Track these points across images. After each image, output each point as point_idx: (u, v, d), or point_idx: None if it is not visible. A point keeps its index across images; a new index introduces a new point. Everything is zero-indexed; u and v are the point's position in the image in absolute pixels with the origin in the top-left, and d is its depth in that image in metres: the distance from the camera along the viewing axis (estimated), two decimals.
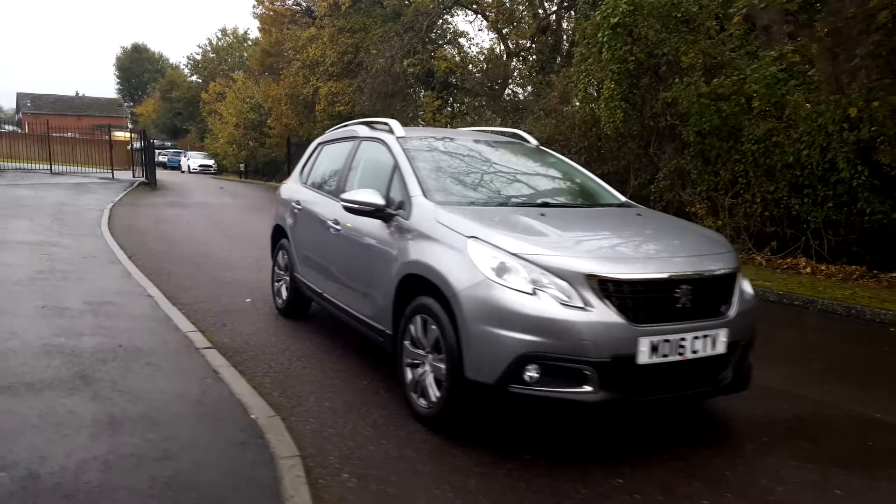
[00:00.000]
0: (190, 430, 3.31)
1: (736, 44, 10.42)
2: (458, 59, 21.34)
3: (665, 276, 3.28)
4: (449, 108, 21.02)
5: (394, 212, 4.05)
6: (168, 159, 44.45)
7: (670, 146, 11.27)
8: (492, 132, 5.81)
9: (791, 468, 3.33)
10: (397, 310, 3.87)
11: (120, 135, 63.70)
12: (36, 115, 58.36)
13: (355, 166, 4.96)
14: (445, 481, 3.01)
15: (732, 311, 3.49)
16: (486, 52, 22.05)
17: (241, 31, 44.87)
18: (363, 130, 5.11)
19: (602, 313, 3.13)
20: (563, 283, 3.17)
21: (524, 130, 14.97)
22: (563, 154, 13.23)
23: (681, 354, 3.27)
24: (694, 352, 3.31)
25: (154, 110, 56.93)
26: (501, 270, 3.24)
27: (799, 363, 5.30)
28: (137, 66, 66.88)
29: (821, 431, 3.87)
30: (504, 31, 20.88)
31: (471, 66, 21.36)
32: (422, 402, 3.65)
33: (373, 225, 4.21)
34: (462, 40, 22.91)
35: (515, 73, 20.52)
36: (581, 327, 3.10)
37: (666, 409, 4.08)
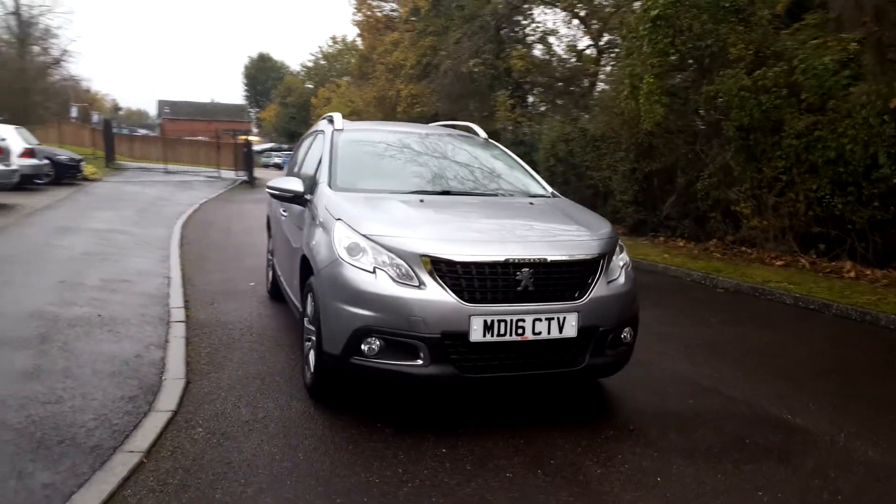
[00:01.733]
0: (97, 384, 3.83)
1: (792, 32, 9.85)
2: (544, 56, 21.34)
3: (501, 259, 3.40)
4: (523, 107, 21.01)
5: (309, 198, 4.40)
6: (283, 160, 47.44)
7: (716, 142, 10.81)
8: (447, 125, 6.01)
9: (632, 454, 3.35)
10: (302, 289, 4.22)
11: (250, 138, 68.65)
12: (173, 120, 64.08)
13: (307, 157, 5.37)
14: (283, 441, 3.31)
15: (587, 297, 3.55)
16: (571, 49, 21.86)
17: (349, 39, 47.02)
18: (321, 125, 5.50)
19: (433, 292, 3.32)
20: (402, 263, 3.38)
21: (584, 127, 14.76)
22: (614, 151, 13.08)
23: (520, 335, 3.39)
24: (536, 333, 3.41)
25: (274, 115, 60.85)
26: (353, 250, 3.50)
27: (749, 363, 5.11)
28: (262, 74, 71.70)
29: (702, 425, 3.80)
30: (593, 27, 20.62)
31: (557, 63, 21.28)
32: (308, 373, 3.98)
33: (297, 211, 4.60)
34: (552, 38, 22.88)
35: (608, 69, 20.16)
36: (412, 304, 3.30)
37: (562, 387, 4.17)
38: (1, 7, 43.53)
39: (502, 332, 3.36)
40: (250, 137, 69.40)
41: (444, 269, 3.35)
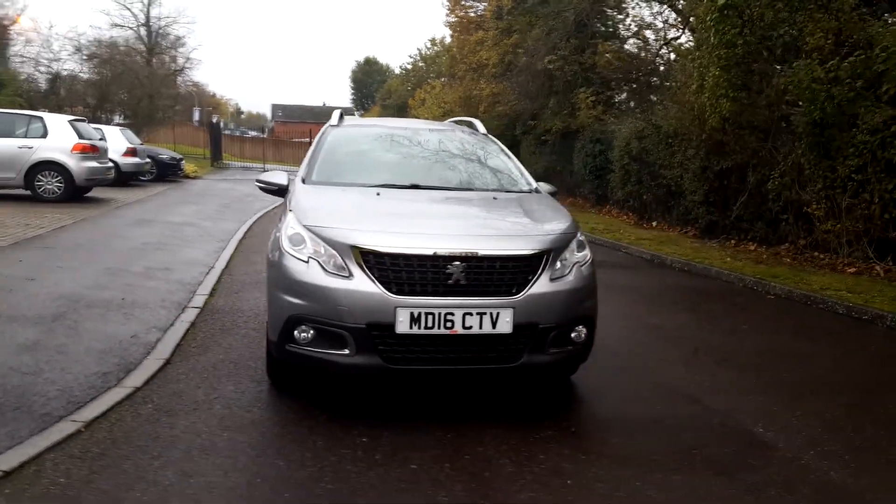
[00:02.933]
0: (81, 360, 4.17)
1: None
2: (636, 51, 20.66)
3: (430, 252, 3.38)
4: (609, 105, 20.40)
5: (290, 191, 4.56)
6: None
7: (788, 138, 10.07)
8: (457, 122, 6.00)
9: (556, 456, 3.24)
10: None
11: None
12: (284, 122, 67.45)
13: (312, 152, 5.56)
14: (217, 422, 3.47)
15: (524, 293, 3.46)
16: (666, 43, 21.02)
17: (447, 41, 47.54)
18: (332, 120, 5.64)
19: (360, 283, 3.37)
20: (336, 254, 3.45)
21: (657, 123, 14.17)
22: (685, 148, 12.45)
23: (449, 329, 3.36)
24: (467, 328, 3.38)
25: (376, 116, 62.81)
26: (294, 241, 3.61)
27: (756, 374, 4.77)
28: (368, 77, 73.98)
29: (655, 433, 3.60)
30: (692, 21, 19.76)
31: (651, 57, 20.54)
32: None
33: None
34: (648, 32, 22.12)
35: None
36: (338, 294, 3.37)
37: (529, 386, 4.09)
38: (133, 19, 47.63)
39: (430, 324, 3.35)
40: None
41: (372, 261, 3.39)
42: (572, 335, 3.71)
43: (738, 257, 9.98)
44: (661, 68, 18.85)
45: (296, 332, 3.47)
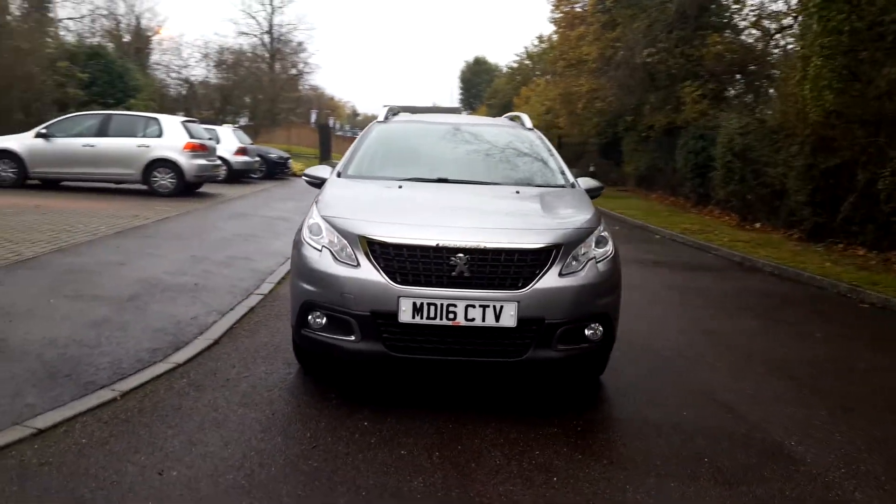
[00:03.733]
0: (138, 337, 4.56)
1: None
2: (752, 42, 19.52)
3: (433, 243, 3.43)
4: (719, 99, 19.36)
5: None
6: None
7: None
8: (509, 117, 5.98)
9: (552, 453, 3.20)
10: None
11: None
12: None
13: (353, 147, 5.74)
14: (239, 398, 3.70)
15: (530, 287, 3.43)
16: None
17: (554, 38, 46.87)
18: (379, 116, 5.81)
19: (366, 271, 3.47)
20: (346, 243, 3.58)
21: (762, 118, 13.31)
22: (790, 144, 11.62)
23: (451, 320, 3.40)
24: (469, 320, 3.40)
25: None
26: (313, 230, 3.78)
27: (809, 385, 4.45)
28: (476, 77, 74.47)
29: (668, 438, 3.46)
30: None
31: (770, 48, 19.35)
32: None
33: None
34: (767, 22, 20.83)
35: None
36: (344, 282, 3.49)
37: (555, 385, 4.05)
38: (257, 27, 50.67)
39: (432, 315, 3.40)
40: None
41: (378, 251, 3.49)
42: (587, 332, 3.63)
43: (841, 263, 9.20)
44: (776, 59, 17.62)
45: (310, 318, 3.63)
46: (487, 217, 3.88)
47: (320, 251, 3.64)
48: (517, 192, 4.26)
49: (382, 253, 3.48)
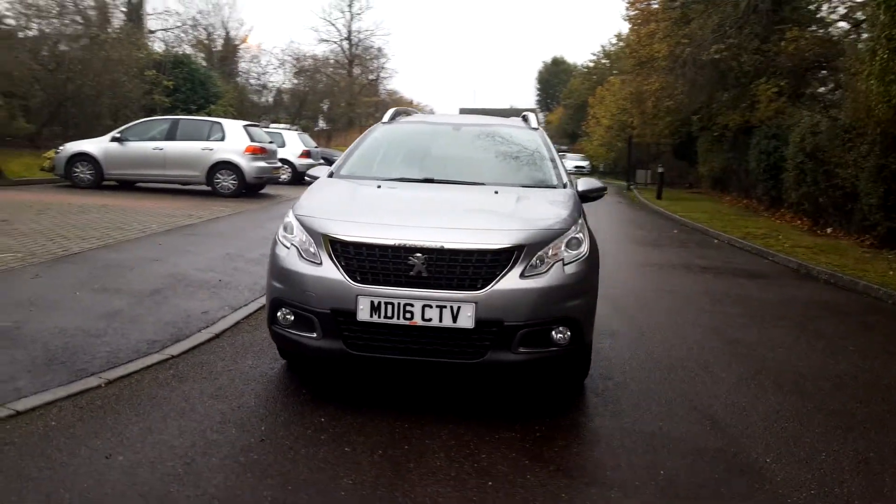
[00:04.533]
0: (144, 329, 4.79)
1: None
2: (837, 36, 18.38)
3: (392, 243, 3.43)
4: (789, 96, 18.31)
5: None
6: None
7: None
8: (525, 112, 5.88)
9: (497, 456, 3.14)
10: None
11: None
12: None
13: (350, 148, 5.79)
14: (212, 391, 3.83)
15: (488, 288, 3.38)
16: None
17: (631, 37, 45.61)
18: (384, 118, 5.85)
19: (327, 270, 3.52)
20: (312, 242, 3.64)
21: (835, 116, 12.58)
22: (860, 143, 10.87)
23: (408, 319, 3.39)
24: (426, 320, 3.38)
25: (558, 117, 62.21)
26: (287, 229, 3.86)
27: (816, 400, 4.17)
28: (554, 78, 73.60)
29: (630, 448, 3.32)
30: None
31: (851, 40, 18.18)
32: None
33: None
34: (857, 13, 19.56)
35: None
36: (306, 280, 3.55)
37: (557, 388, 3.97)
38: (337, 34, 52.12)
39: (389, 314, 3.40)
40: None
41: (339, 250, 3.53)
42: (555, 336, 3.54)
43: None
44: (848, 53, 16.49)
45: (279, 314, 3.71)
46: (454, 217, 3.83)
47: (289, 249, 3.72)
48: (496, 193, 4.19)
49: (343, 252, 3.52)
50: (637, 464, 3.15)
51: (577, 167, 43.21)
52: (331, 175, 4.66)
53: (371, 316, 3.42)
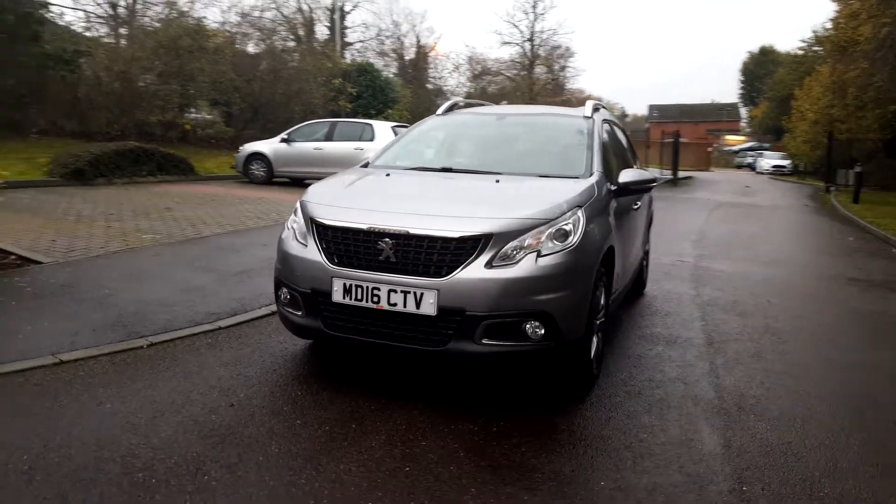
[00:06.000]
0: (212, 303, 5.32)
1: None
2: None
3: (364, 227, 3.51)
4: None
5: None
6: (753, 160, 44.64)
7: None
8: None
9: (436, 447, 3.10)
10: None
11: (732, 138, 65.76)
12: (659, 123, 66.26)
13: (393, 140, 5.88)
14: (234, 359, 4.19)
15: (452, 276, 3.33)
16: None
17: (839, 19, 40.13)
18: (439, 110, 5.86)
19: (311, 251, 3.70)
20: (304, 225, 3.84)
21: None
22: None
23: (375, 303, 3.46)
24: (392, 304, 3.43)
25: (762, 112, 56.87)
26: (294, 213, 4.10)
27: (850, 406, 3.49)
28: (761, 69, 67.42)
29: (582, 456, 3.05)
30: None
31: None
32: None
33: None
34: None
35: None
36: (294, 261, 3.76)
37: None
38: (519, 35, 52.61)
39: (359, 297, 3.50)
40: (730, 137, 66.22)
41: (321, 233, 3.69)
42: (527, 330, 3.39)
43: None
44: None
45: (280, 293, 3.97)
46: (432, 204, 3.80)
47: (289, 231, 3.96)
48: (497, 182, 4.07)
49: (324, 235, 3.67)
50: (578, 473, 2.92)
51: (775, 166, 39.27)
52: (365, 165, 4.84)
53: (344, 298, 3.53)
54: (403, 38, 50.35)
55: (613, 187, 4.41)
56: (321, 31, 43.00)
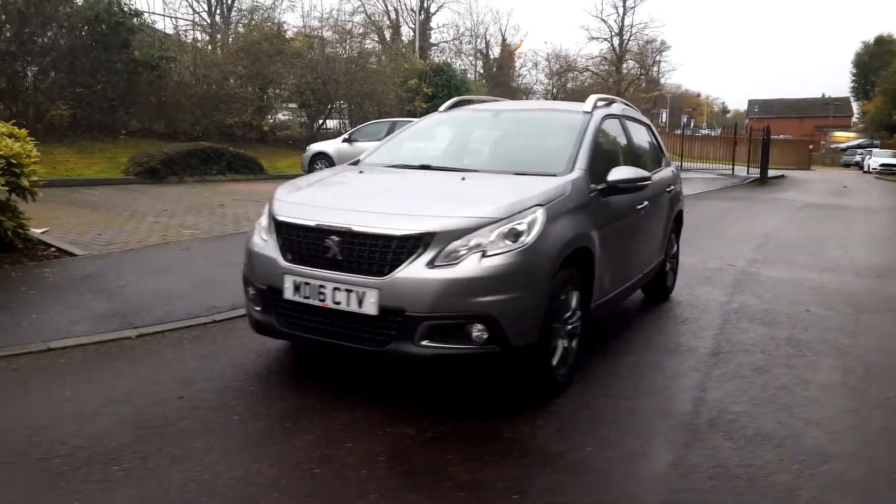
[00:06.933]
0: (217, 296, 5.44)
1: None
2: None
3: (312, 224, 3.50)
4: None
5: None
6: (861, 158, 41.40)
7: None
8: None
9: (359, 449, 3.02)
10: None
11: (841, 135, 61.33)
12: (760, 119, 62.73)
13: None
14: (212, 348, 4.29)
15: (391, 275, 3.25)
16: None
17: None
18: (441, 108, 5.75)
19: (269, 248, 3.72)
20: (268, 222, 3.86)
21: None
22: None
23: (321, 301, 3.43)
24: (336, 303, 3.39)
25: (875, 106, 52.65)
26: (264, 212, 4.14)
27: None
28: (876, 61, 62.46)
29: (499, 462, 2.89)
30: None
31: None
32: None
33: None
34: None
35: None
36: (255, 257, 3.80)
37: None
38: (608, 30, 51.29)
39: (307, 295, 3.48)
40: (839, 134, 61.71)
41: (278, 229, 3.69)
42: (472, 333, 3.26)
43: None
44: None
45: (247, 289, 4.01)
46: (386, 201, 3.72)
47: (257, 228, 4.00)
48: (462, 179, 3.94)
49: (280, 231, 3.68)
50: (484, 482, 2.76)
51: (884, 165, 36.19)
52: (356, 163, 4.83)
53: (294, 295, 3.53)
54: (489, 37, 50.28)
55: (601, 186, 4.18)
56: (406, 32, 43.77)
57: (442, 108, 5.42)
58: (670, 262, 6.17)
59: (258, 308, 3.80)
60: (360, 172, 4.34)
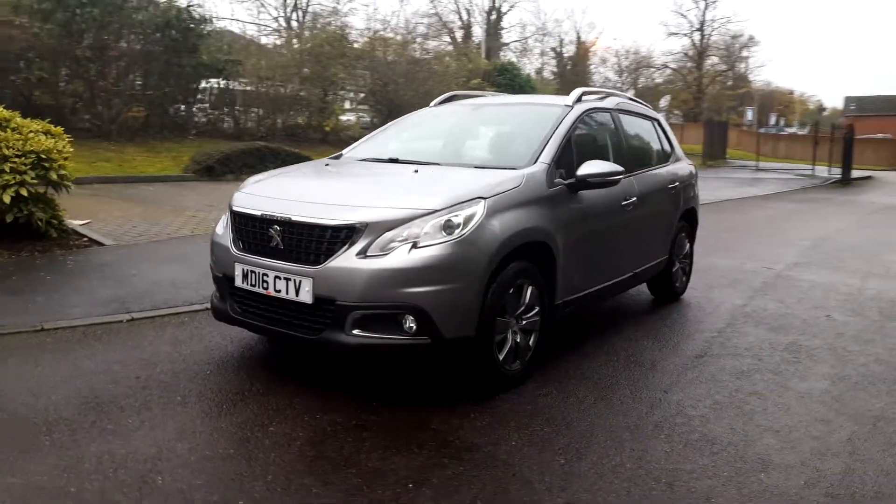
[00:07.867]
0: None
1: None
2: None
3: (258, 213, 3.59)
4: None
5: None
6: None
7: None
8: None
9: (284, 432, 3.07)
10: None
11: None
12: (857, 117, 58.95)
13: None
14: (192, 333, 4.46)
15: (324, 265, 3.30)
16: None
17: None
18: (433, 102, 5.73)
19: (224, 237, 3.84)
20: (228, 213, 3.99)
21: None
22: None
23: (265, 289, 3.52)
24: (277, 291, 3.47)
25: None
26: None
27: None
28: None
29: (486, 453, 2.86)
30: None
31: None
32: None
33: None
34: None
35: None
36: (215, 246, 3.96)
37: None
38: (688, 26, 49.58)
39: (253, 283, 3.58)
40: None
41: (231, 219, 3.81)
42: (404, 324, 3.25)
43: None
44: None
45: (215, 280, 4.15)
46: (328, 193, 3.79)
47: (222, 218, 4.13)
48: (416, 171, 3.92)
49: (233, 221, 3.80)
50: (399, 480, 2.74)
51: None
52: (338, 157, 4.89)
53: (243, 283, 3.63)
54: (562, 35, 49.62)
55: (570, 180, 4.06)
56: (478, 33, 43.81)
57: (433, 102, 5.42)
58: (680, 262, 5.92)
59: (217, 295, 3.93)
60: (326, 165, 4.41)
